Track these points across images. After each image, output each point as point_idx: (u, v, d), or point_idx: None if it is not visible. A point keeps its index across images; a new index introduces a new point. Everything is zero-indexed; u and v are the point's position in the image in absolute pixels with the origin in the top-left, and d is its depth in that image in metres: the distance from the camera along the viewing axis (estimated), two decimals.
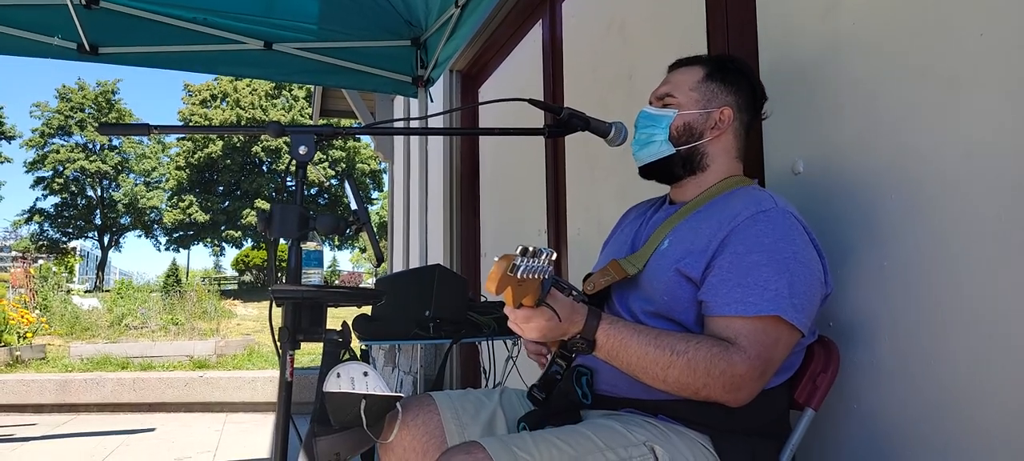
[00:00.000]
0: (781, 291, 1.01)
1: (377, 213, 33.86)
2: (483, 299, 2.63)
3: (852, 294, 1.26)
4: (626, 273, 1.16)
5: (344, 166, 32.08)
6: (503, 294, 0.89)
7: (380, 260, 1.13)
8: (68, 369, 6.72)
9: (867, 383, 1.21)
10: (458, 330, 2.21)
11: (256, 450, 4.20)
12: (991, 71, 1.03)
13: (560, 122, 1.26)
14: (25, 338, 7.50)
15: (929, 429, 1.11)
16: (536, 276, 0.87)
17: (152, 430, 5.09)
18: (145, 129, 1.07)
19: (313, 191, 33.20)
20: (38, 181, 34.67)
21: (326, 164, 31.71)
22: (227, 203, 32.30)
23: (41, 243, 35.38)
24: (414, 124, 2.80)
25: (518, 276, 0.85)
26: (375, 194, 33.70)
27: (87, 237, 38.18)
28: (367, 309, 2.40)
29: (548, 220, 2.60)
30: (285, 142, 1.17)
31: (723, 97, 1.22)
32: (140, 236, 37.48)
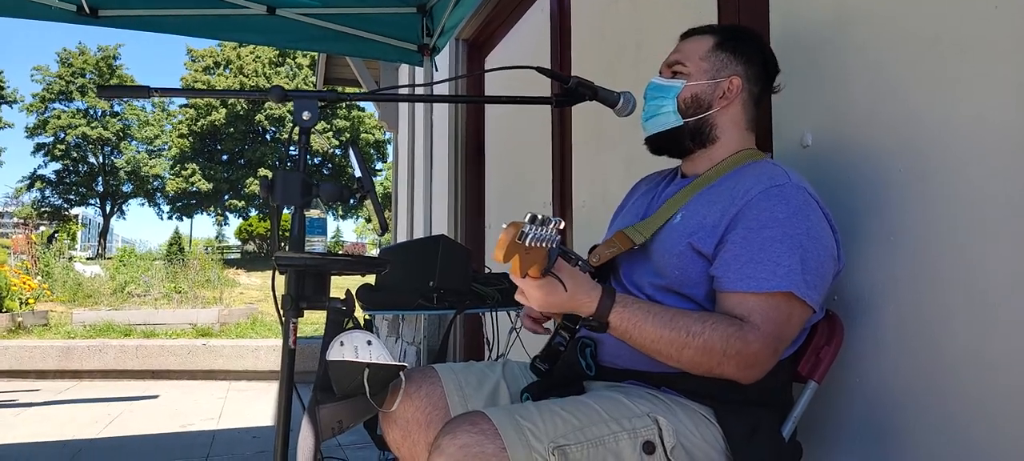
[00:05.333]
0: (794, 267, 1.00)
1: (381, 184, 33.80)
2: (487, 270, 2.62)
3: (858, 266, 1.25)
4: (632, 243, 1.14)
5: (349, 135, 31.92)
6: (510, 262, 0.88)
7: (384, 229, 1.12)
8: (70, 336, 6.76)
9: (871, 356, 1.21)
10: (462, 301, 2.20)
11: (259, 418, 4.25)
12: (1004, 43, 1.01)
13: (567, 91, 1.24)
14: (27, 304, 7.54)
15: (931, 404, 1.10)
16: (544, 245, 0.86)
17: (155, 397, 5.13)
18: (145, 92, 1.05)
19: (317, 160, 33.14)
20: (39, 147, 34.63)
21: (330, 133, 31.58)
22: (230, 172, 32.26)
23: (43, 209, 35.46)
24: (419, 91, 2.77)
25: (526, 244, 0.84)
26: (379, 164, 33.59)
27: (89, 204, 38.26)
28: (371, 278, 2.40)
29: (553, 192, 2.58)
30: (289, 111, 1.14)
31: (733, 66, 1.19)
32: (143, 204, 37.58)
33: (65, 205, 36.18)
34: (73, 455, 3.31)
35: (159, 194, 35.84)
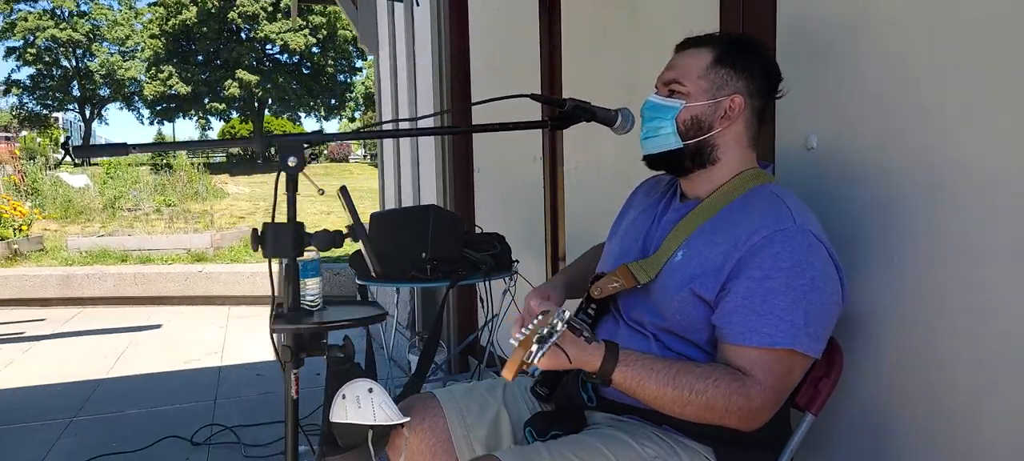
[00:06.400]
0: (797, 322, 0.99)
1: (362, 83, 32.94)
2: (478, 229, 2.61)
3: (859, 286, 1.23)
4: (636, 282, 1.13)
5: (326, 33, 30.72)
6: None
7: (378, 273, 1.10)
8: (68, 262, 6.80)
9: (869, 382, 1.22)
10: (455, 270, 2.21)
11: (261, 351, 4.35)
12: None
13: (563, 115, 1.19)
14: (21, 231, 7.51)
15: (932, 434, 1.12)
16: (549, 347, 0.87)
17: (158, 327, 5.23)
18: (123, 149, 1.00)
19: (296, 59, 32.08)
20: (10, 51, 33.28)
21: (307, 31, 30.34)
22: (207, 73, 31.23)
23: (21, 114, 34.62)
24: (404, 125, 2.63)
25: (535, 363, 0.85)
26: (359, 63, 32.59)
27: (68, 109, 37.32)
28: (360, 247, 2.39)
29: (544, 152, 2.52)
30: (263, 8, 1.08)
31: (733, 84, 1.13)
32: (121, 108, 36.65)
33: (44, 110, 35.28)
34: (86, 398, 3.41)
35: (137, 98, 34.89)
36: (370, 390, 1.08)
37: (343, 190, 1.09)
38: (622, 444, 1.06)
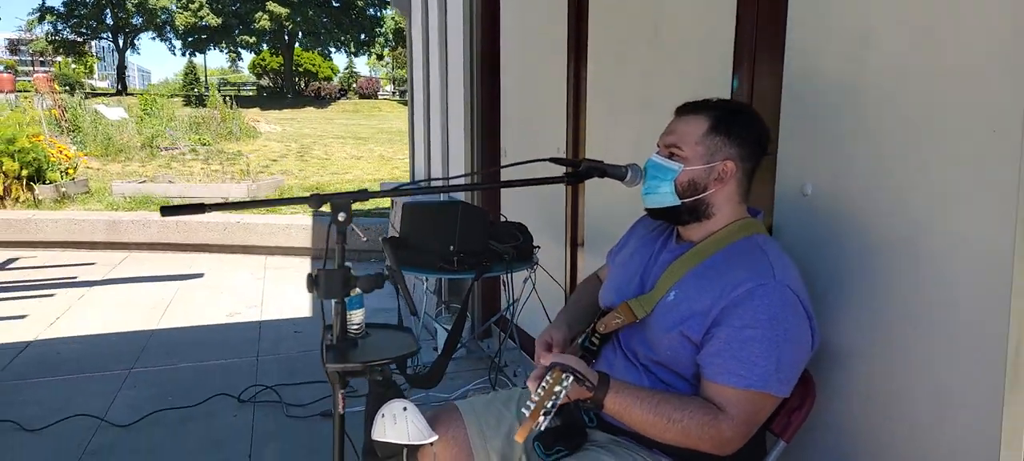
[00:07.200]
0: (769, 369, 1.15)
1: (392, 17, 32.54)
2: (503, 218, 2.77)
3: (838, 323, 1.38)
4: (635, 317, 1.30)
5: None
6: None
7: (413, 313, 1.28)
8: (113, 207, 7.15)
9: (841, 413, 1.37)
10: (480, 262, 2.39)
11: (298, 306, 4.63)
12: (993, 170, 1.07)
13: (578, 172, 1.33)
14: (68, 174, 7.87)
15: None
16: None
17: (201, 275, 5.56)
18: (200, 209, 1.18)
19: None
20: None
21: None
22: (238, 5, 31.17)
23: (56, 41, 35.13)
24: (436, 183, 2.74)
25: (544, 427, 1.03)
26: None
27: (101, 38, 37.75)
28: (395, 233, 2.57)
29: (567, 145, 2.64)
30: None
31: (727, 150, 1.26)
32: (153, 38, 36.91)
33: (77, 38, 35.75)
34: (141, 349, 3.73)
35: (169, 28, 35.08)
36: (404, 408, 1.28)
37: (385, 239, 1.26)
38: None
